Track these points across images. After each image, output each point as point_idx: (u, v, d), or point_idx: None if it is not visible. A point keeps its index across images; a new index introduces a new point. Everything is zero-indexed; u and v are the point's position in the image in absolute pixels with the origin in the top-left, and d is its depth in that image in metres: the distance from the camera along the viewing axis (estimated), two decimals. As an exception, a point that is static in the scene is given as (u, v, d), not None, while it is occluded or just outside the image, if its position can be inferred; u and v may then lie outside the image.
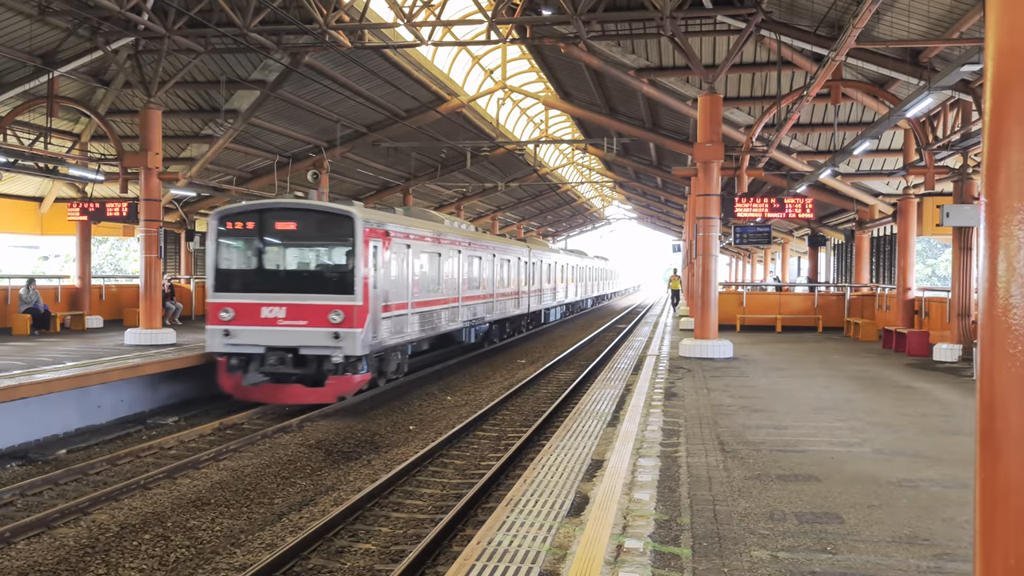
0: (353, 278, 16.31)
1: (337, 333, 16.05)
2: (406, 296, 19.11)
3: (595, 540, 6.08)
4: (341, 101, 26.77)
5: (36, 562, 8.49)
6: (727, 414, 11.54)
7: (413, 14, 19.37)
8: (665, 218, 73.56)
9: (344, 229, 16.51)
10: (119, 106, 24.89)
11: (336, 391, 16.44)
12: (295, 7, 19.86)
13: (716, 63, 20.90)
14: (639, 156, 39.65)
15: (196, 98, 25.81)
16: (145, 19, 18.40)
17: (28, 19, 18.98)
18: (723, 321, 22.66)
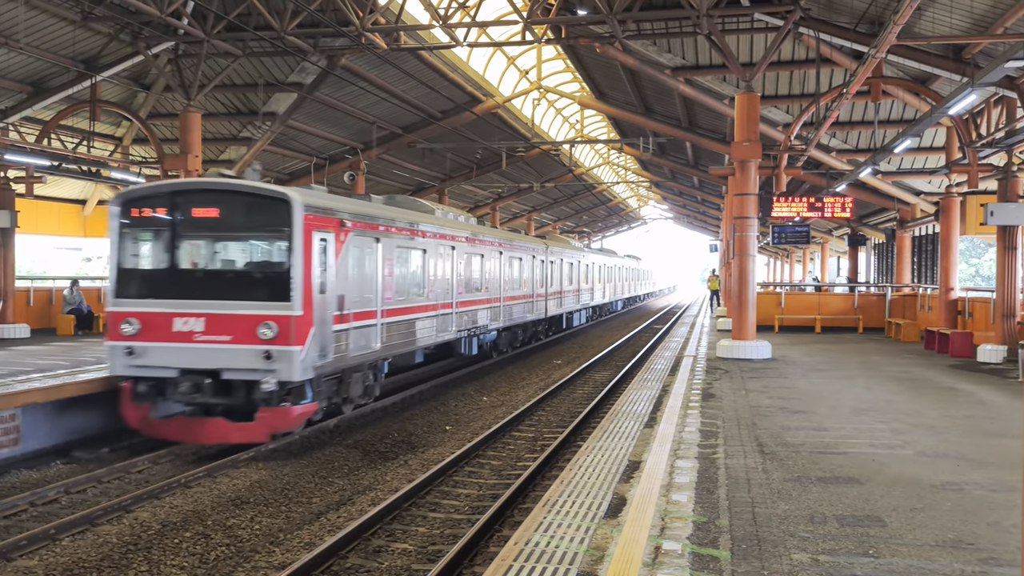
0: (290, 280, 12.71)
1: (269, 352, 12.47)
2: (374, 302, 15.64)
3: (633, 541, 6.05)
4: (377, 103, 26.94)
5: (80, 559, 8.63)
6: (766, 415, 11.42)
7: (448, 15, 19.43)
8: (702, 218, 73.04)
9: (278, 217, 12.91)
10: (159, 109, 25.28)
11: (270, 427, 12.81)
12: (331, 10, 20.00)
13: (753, 61, 20.72)
14: (675, 155, 39.41)
15: (235, 101, 26.12)
16: (185, 24, 18.66)
17: (71, 25, 19.34)
18: (761, 322, 22.43)
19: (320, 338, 13.24)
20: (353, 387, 15.42)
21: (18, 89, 21.36)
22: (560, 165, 43.09)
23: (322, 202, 13.85)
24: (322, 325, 13.31)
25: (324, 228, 13.59)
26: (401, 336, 17.16)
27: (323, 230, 13.56)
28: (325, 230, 13.63)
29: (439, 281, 19.40)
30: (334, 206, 14.24)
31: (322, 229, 13.52)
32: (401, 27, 19.65)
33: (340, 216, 14.24)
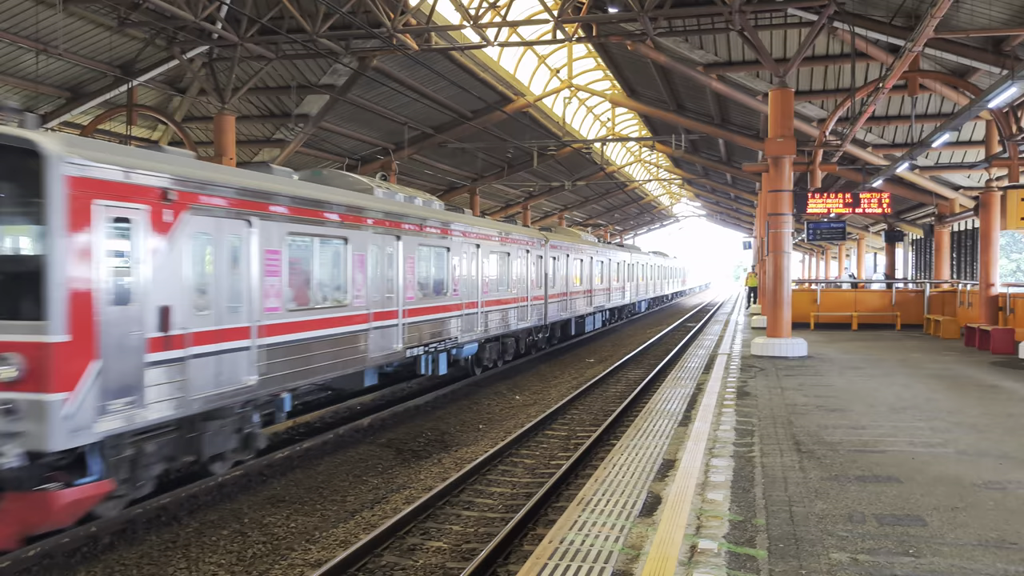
0: (45, 285, 8.07)
1: (9, 405, 7.96)
2: (242, 314, 11.00)
3: (668, 540, 6.01)
4: (408, 103, 27.05)
5: (120, 556, 8.76)
6: (802, 414, 11.30)
7: (479, 15, 19.45)
8: (735, 215, 72.52)
9: (23, 177, 8.30)
10: (194, 113, 25.58)
11: (19, 524, 8.09)
12: (363, 12, 20.12)
13: (787, 57, 20.51)
14: (708, 152, 39.15)
15: (268, 103, 26.36)
16: (219, 28, 18.86)
17: (108, 31, 19.64)
18: (796, 319, 22.21)
19: (114, 378, 8.65)
20: (210, 443, 10.61)
21: (57, 94, 21.73)
22: (591, 163, 43.00)
23: (118, 158, 8.99)
24: (119, 357, 8.74)
25: (124, 200, 8.98)
26: (302, 360, 12.51)
27: (122, 203, 8.94)
28: (127, 203, 9.01)
29: (374, 282, 14.97)
30: (147, 166, 9.33)
31: (120, 202, 8.90)
32: (432, 28, 19.71)
33: (161, 184, 9.51)
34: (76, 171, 8.31)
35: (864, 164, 25.65)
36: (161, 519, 9.83)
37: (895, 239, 36.29)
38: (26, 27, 18.31)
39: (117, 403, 8.71)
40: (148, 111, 23.03)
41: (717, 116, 28.99)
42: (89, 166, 8.48)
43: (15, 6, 17.65)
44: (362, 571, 8.38)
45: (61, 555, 8.51)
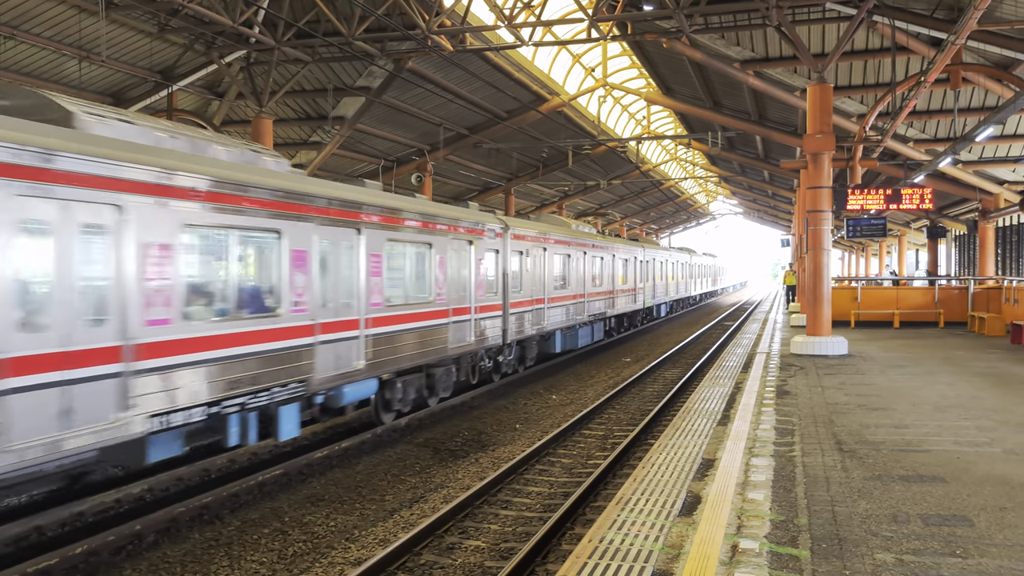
0: None
1: None
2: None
3: (709, 540, 5.96)
4: (443, 104, 27.13)
5: (164, 554, 8.89)
6: (843, 413, 11.15)
7: (513, 15, 19.45)
8: (772, 212, 71.79)
9: None
10: (232, 117, 25.89)
11: None
12: (398, 14, 20.22)
13: (825, 52, 20.26)
14: (745, 150, 38.81)
15: (304, 106, 26.59)
16: (256, 32, 19.06)
17: (148, 37, 19.94)
18: (836, 317, 21.92)
19: None
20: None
21: (99, 100, 22.10)
22: (627, 162, 42.83)
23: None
24: None
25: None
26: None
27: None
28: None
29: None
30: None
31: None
32: (466, 29, 19.75)
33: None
34: None
35: (905, 159, 25.25)
36: (204, 517, 9.96)
37: (938, 235, 35.70)
38: (69, 35, 18.66)
39: None
40: (188, 115, 23.33)
41: (754, 113, 28.72)
42: None
43: (59, 15, 17.99)
44: (402, 569, 8.43)
45: (107, 552, 8.65)
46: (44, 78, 20.14)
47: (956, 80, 18.13)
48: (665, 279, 42.46)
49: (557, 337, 24.11)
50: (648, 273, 37.17)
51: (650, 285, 37.78)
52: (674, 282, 46.20)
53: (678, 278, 47.61)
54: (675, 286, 46.50)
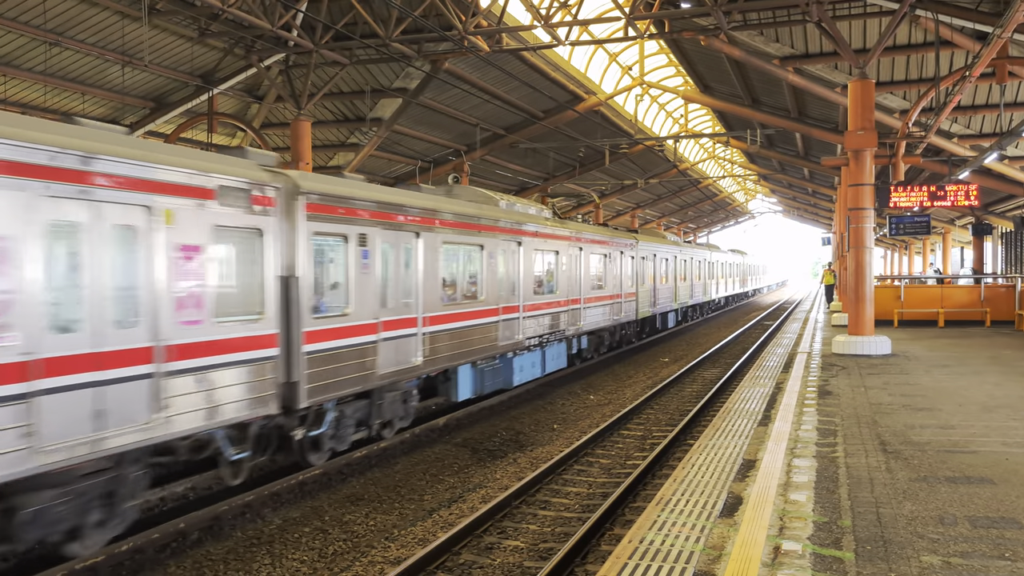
0: None
1: None
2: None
3: (751, 541, 5.89)
4: (480, 105, 27.19)
5: (207, 551, 9.00)
6: (887, 413, 10.97)
7: (550, 15, 19.43)
8: (813, 210, 70.92)
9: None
10: (271, 119, 26.17)
11: None
12: (435, 15, 20.30)
13: (867, 47, 19.97)
14: (784, 147, 38.39)
15: (342, 108, 26.80)
16: (294, 35, 19.26)
17: (189, 42, 20.23)
18: (879, 316, 21.60)
19: None
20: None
21: (142, 105, 22.48)
22: (664, 161, 42.58)
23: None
24: None
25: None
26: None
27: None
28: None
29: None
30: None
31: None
32: (503, 29, 19.77)
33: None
34: None
35: (950, 155, 24.80)
36: (246, 515, 10.07)
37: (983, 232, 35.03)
38: (113, 41, 18.99)
39: None
40: (228, 119, 23.63)
41: (794, 110, 28.38)
42: None
43: (102, 21, 18.32)
44: (441, 569, 8.45)
45: (152, 550, 8.78)
46: (88, 83, 20.53)
47: (1002, 74, 17.74)
48: (678, 280, 34.96)
49: (510, 371, 21.19)
50: (643, 272, 28.81)
51: (648, 291, 29.78)
52: (693, 284, 38.80)
53: (701, 278, 41.07)
54: (690, 289, 38.41)
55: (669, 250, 33.92)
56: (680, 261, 36.23)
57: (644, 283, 29.36)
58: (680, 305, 36.48)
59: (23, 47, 18.36)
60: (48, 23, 17.59)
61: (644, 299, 29.33)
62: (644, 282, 29.36)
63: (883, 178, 24.41)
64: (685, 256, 37.52)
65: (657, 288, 31.59)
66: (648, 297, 30.11)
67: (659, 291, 31.97)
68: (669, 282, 33.92)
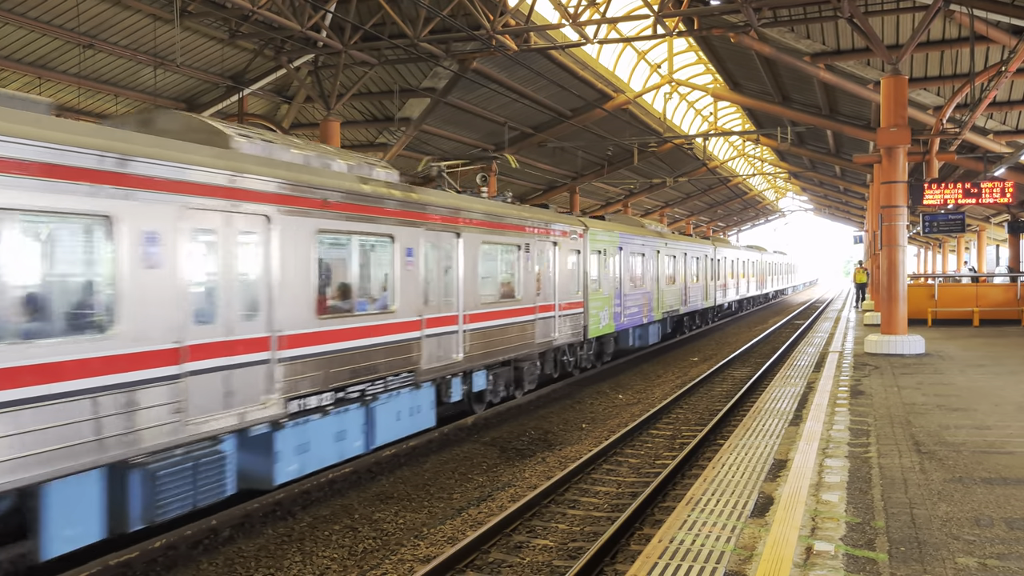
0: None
1: None
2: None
3: (782, 541, 5.84)
4: (508, 104, 27.18)
5: (239, 548, 9.08)
6: (921, 413, 10.82)
7: (578, 13, 19.38)
8: (844, 208, 70.17)
9: None
10: (301, 120, 26.34)
11: None
12: (463, 15, 20.31)
13: (900, 43, 19.71)
14: (815, 144, 38.02)
15: (371, 108, 26.91)
16: (323, 36, 19.36)
17: (220, 44, 20.42)
18: (912, 315, 21.33)
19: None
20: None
21: (173, 106, 22.71)
22: (693, 159, 42.33)
23: None
24: None
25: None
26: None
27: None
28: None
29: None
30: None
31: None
32: (531, 28, 19.74)
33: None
34: None
35: (985, 152, 24.42)
36: (276, 513, 10.15)
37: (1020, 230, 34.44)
38: (145, 43, 19.20)
39: None
40: (258, 119, 23.83)
41: (825, 107, 28.10)
42: None
43: (135, 23, 18.54)
44: (470, 567, 8.46)
45: (184, 547, 8.87)
46: (121, 85, 20.78)
47: (1039, 69, 17.45)
48: (654, 283, 27.19)
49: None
50: (611, 275, 22.69)
51: (603, 305, 22.01)
52: (689, 289, 32.27)
53: (699, 279, 33.89)
54: (691, 293, 32.41)
55: (646, 243, 26.19)
56: (664, 258, 28.27)
57: (601, 288, 21.67)
58: (667, 314, 28.68)
59: (58, 50, 18.63)
60: (82, 26, 17.82)
61: (598, 311, 21.38)
62: (601, 287, 21.68)
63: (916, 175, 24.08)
64: (672, 251, 29.52)
65: (625, 294, 23.67)
66: (606, 308, 22.04)
67: (628, 297, 24.08)
68: (645, 285, 25.87)
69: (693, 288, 32.91)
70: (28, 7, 16.87)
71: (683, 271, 31.23)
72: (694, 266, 33.12)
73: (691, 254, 32.59)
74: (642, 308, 25.60)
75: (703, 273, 34.72)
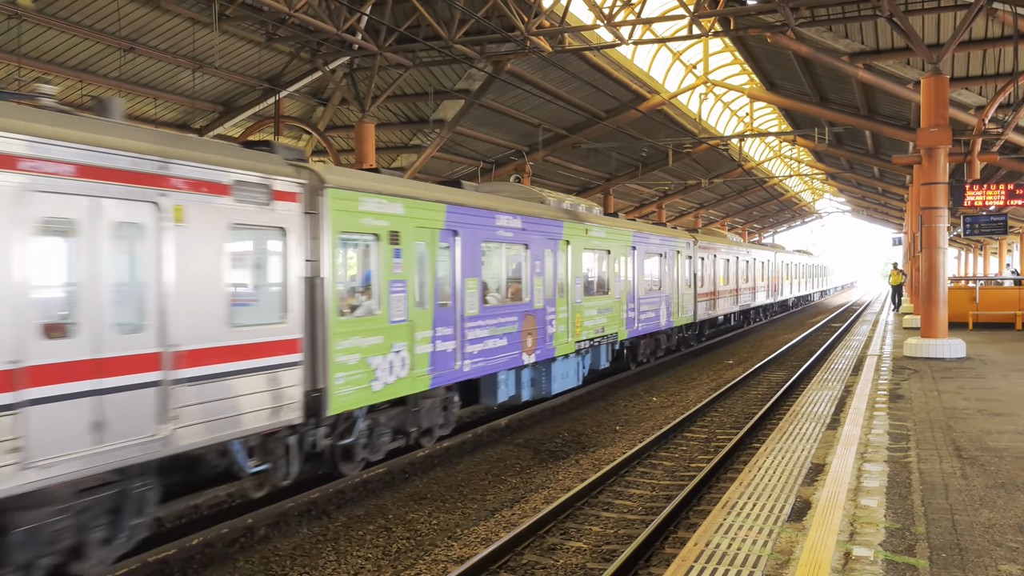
0: None
1: None
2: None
3: (820, 546, 5.76)
4: (541, 105, 27.16)
5: (275, 547, 9.15)
6: (962, 418, 10.64)
7: (613, 14, 19.31)
8: (883, 210, 69.23)
9: None
10: (336, 122, 26.52)
11: None
12: (497, 16, 20.34)
13: (941, 42, 19.40)
14: (853, 145, 37.55)
15: (405, 110, 27.04)
16: (359, 39, 19.48)
17: (257, 47, 20.63)
18: (953, 319, 20.99)
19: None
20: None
21: (211, 109, 23.00)
22: (729, 160, 42.01)
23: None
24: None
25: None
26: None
27: None
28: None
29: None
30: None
31: None
32: (565, 29, 19.72)
33: None
34: None
35: (1028, 152, 23.98)
36: (312, 512, 10.22)
37: (1063, 232, 33.74)
38: (184, 46, 19.46)
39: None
40: (294, 121, 24.04)
41: (863, 107, 27.74)
42: None
43: (174, 27, 18.79)
44: (504, 569, 8.45)
45: (221, 544, 8.96)
46: (161, 88, 21.09)
47: (1085, 68, 17.09)
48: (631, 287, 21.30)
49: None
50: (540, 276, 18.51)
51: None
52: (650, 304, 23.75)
53: (668, 291, 24.50)
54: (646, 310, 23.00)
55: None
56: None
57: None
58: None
59: (99, 53, 18.93)
60: (122, 30, 18.11)
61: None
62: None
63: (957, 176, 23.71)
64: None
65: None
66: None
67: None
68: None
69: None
70: (71, 12, 17.18)
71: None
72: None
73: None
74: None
75: (708, 276, 32.69)
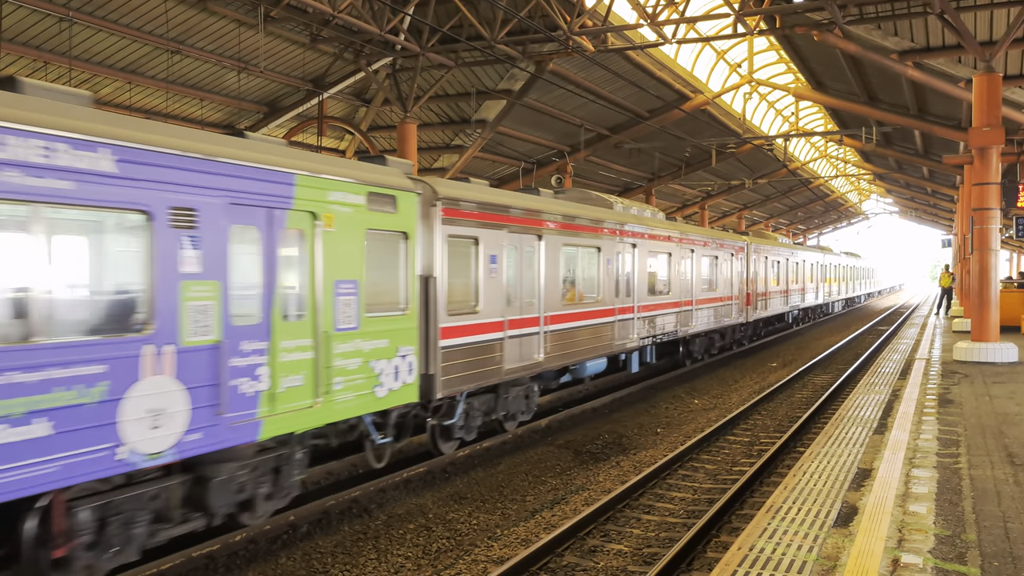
0: None
1: None
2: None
3: (867, 552, 5.64)
4: (584, 105, 27.07)
5: (316, 544, 9.21)
6: (1015, 423, 10.37)
7: (656, 13, 19.17)
8: (932, 211, 67.89)
9: None
10: (378, 122, 26.70)
11: None
12: (540, 16, 20.31)
13: (994, 39, 18.94)
14: (902, 145, 36.87)
15: (448, 110, 27.12)
16: (401, 39, 19.57)
17: (301, 48, 20.82)
18: (1005, 322, 20.50)
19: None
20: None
21: (256, 109, 23.27)
22: (773, 160, 41.51)
23: None
24: None
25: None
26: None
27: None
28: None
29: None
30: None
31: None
32: (608, 28, 19.62)
33: None
34: None
35: (1084, 152, 23.34)
36: (353, 511, 10.27)
37: (1121, 234, 32.78)
38: (229, 48, 19.71)
39: None
40: (337, 122, 24.23)
41: (913, 106, 27.21)
42: None
43: (220, 29, 19.04)
44: (544, 570, 8.41)
45: (264, 541, 9.04)
46: (206, 89, 21.38)
47: None
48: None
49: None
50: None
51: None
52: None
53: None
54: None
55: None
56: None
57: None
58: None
59: (147, 55, 19.25)
60: (170, 32, 18.39)
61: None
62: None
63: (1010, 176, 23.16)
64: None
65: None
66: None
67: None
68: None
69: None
70: (120, 15, 17.48)
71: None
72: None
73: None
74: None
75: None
